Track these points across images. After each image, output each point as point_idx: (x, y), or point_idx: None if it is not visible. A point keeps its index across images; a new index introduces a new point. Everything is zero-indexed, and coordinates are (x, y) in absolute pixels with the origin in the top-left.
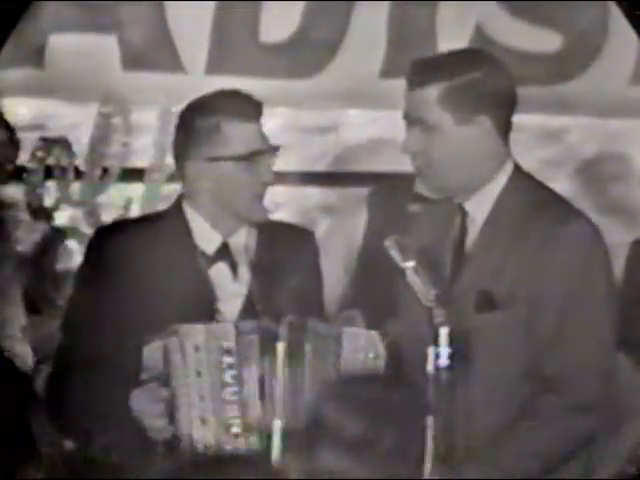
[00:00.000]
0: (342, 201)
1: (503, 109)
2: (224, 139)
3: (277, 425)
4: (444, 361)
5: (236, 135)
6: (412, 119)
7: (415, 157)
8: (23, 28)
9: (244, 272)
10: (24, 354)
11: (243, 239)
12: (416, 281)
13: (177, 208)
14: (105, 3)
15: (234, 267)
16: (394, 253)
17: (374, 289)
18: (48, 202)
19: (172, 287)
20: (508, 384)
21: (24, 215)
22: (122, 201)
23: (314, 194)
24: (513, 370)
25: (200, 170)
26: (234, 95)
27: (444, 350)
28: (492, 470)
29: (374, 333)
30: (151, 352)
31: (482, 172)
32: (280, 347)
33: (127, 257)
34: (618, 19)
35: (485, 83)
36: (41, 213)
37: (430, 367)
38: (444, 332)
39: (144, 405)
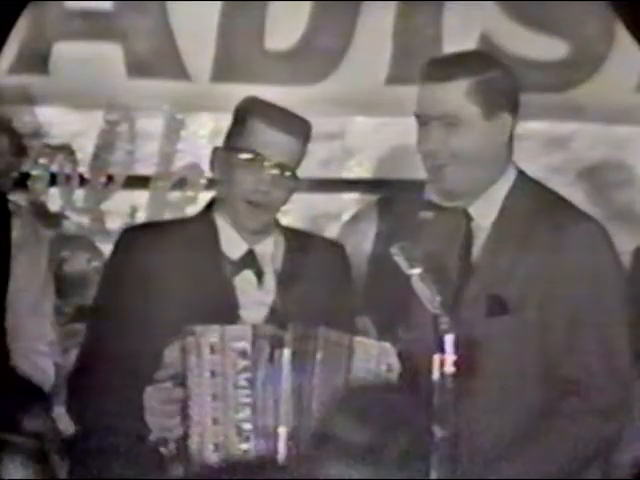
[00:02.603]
0: (349, 208)
1: (515, 111)
2: (242, 132)
3: (282, 431)
4: (450, 368)
5: (253, 133)
6: (432, 115)
7: (433, 155)
8: (28, 36)
9: (270, 281)
10: (46, 369)
11: (270, 248)
12: (422, 288)
13: (207, 213)
14: (110, 10)
15: (260, 275)
16: (400, 260)
17: (384, 295)
18: (53, 209)
19: (195, 291)
20: (522, 387)
21: (42, 228)
22: (127, 208)
23: (320, 201)
24: (527, 373)
25: (218, 157)
26: (280, 108)
27: (450, 357)
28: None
29: (388, 345)
30: (170, 353)
31: (488, 173)
32: (286, 353)
33: (153, 258)
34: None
35: (504, 82)
36: (45, 220)
37: (436, 374)
38: (449, 339)
39: (157, 403)
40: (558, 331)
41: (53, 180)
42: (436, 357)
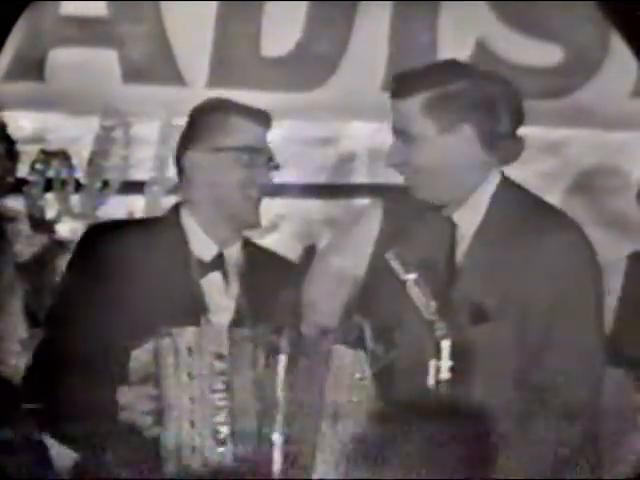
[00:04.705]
0: (344, 213)
1: (486, 118)
2: (229, 131)
3: (277, 438)
4: (445, 374)
5: (241, 130)
6: (396, 131)
7: (400, 169)
8: (23, 42)
9: (234, 285)
10: (19, 368)
11: (236, 253)
12: (417, 293)
13: (174, 214)
14: (105, 16)
15: (226, 278)
16: (395, 265)
17: (381, 299)
18: (49, 214)
19: (162, 291)
20: (504, 395)
21: (24, 227)
22: (123, 214)
23: (316, 206)
24: (508, 382)
25: (199, 160)
26: (243, 103)
27: (445, 363)
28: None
29: (361, 354)
30: (140, 354)
31: (466, 182)
32: (282, 359)
33: (119, 257)
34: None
35: (467, 93)
36: (42, 225)
37: (431, 380)
38: (446, 345)
39: (132, 402)
40: (532, 337)
41: (49, 186)
42: (432, 363)
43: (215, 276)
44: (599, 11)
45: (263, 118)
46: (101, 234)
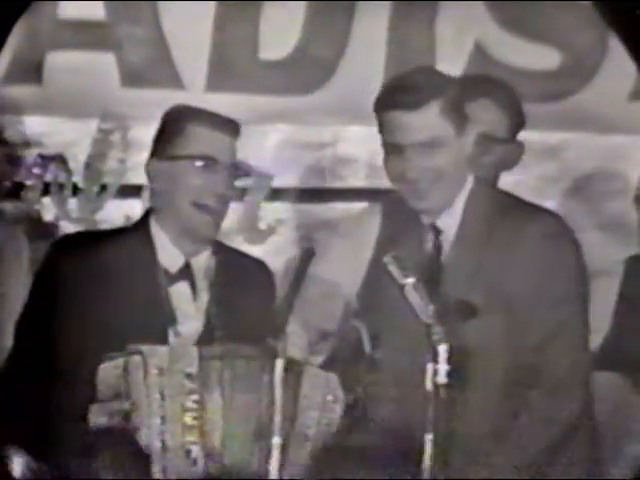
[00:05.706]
0: (343, 217)
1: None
2: (185, 139)
3: (276, 442)
4: (443, 378)
5: (199, 139)
6: (409, 143)
7: (415, 182)
8: (21, 45)
9: (203, 295)
10: None
11: (204, 262)
12: (414, 297)
13: (143, 223)
14: (103, 20)
15: (194, 288)
16: (393, 269)
17: (379, 302)
18: (47, 218)
19: (130, 302)
20: (500, 388)
21: (22, 231)
22: (121, 218)
23: (314, 210)
24: (502, 375)
25: (157, 168)
26: (211, 111)
27: (443, 367)
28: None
29: (334, 377)
30: (110, 370)
31: (457, 186)
32: (279, 364)
33: (88, 269)
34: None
35: (460, 95)
36: (40, 229)
37: (429, 384)
38: (443, 349)
39: (103, 417)
40: (520, 325)
41: (47, 190)
42: (429, 367)
43: (182, 286)
44: (597, 13)
45: (229, 127)
46: (69, 246)
